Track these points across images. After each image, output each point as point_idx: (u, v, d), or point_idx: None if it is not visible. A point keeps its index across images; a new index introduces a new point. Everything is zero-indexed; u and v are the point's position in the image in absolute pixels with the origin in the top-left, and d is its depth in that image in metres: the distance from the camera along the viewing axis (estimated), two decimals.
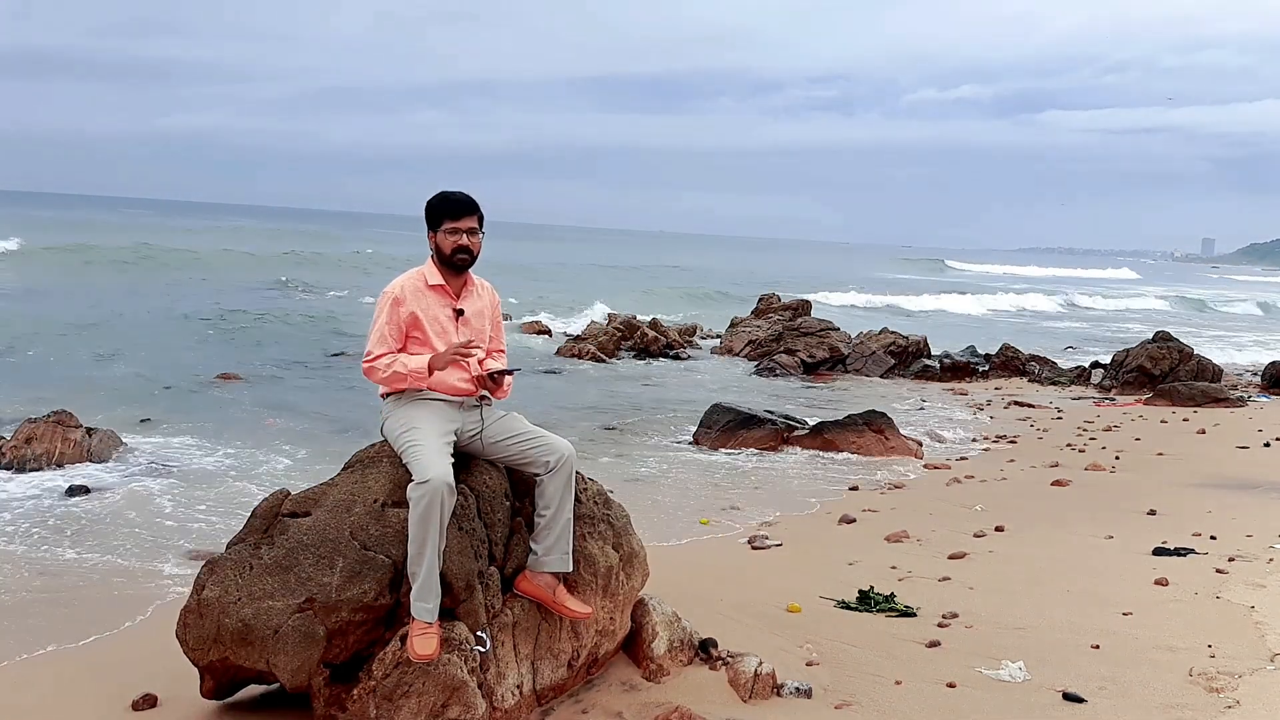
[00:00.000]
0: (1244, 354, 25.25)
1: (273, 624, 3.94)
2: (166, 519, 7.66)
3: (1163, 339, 18.17)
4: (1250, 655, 4.99)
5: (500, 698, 4.08)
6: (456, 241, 4.23)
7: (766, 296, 27.70)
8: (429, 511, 3.82)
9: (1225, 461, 10.68)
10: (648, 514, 8.02)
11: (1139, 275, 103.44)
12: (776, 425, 11.64)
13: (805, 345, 19.59)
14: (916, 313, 36.49)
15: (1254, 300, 54.97)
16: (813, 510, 8.67)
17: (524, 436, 4.25)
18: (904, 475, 10.18)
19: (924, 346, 20.71)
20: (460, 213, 4.24)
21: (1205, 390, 15.51)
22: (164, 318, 21.58)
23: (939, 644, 5.22)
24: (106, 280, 28.37)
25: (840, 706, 4.45)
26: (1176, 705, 4.44)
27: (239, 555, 4.15)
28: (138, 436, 10.24)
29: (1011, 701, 4.53)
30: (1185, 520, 7.91)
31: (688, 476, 9.96)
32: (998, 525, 7.82)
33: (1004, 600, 5.99)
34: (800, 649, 5.10)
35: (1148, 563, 6.75)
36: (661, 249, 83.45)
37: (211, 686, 4.23)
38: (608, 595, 4.48)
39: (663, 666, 4.61)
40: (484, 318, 4.41)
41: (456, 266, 4.28)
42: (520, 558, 4.30)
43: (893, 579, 6.39)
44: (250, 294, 27.86)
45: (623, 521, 4.73)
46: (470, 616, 4.02)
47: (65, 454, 8.99)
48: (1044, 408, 15.12)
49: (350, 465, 4.44)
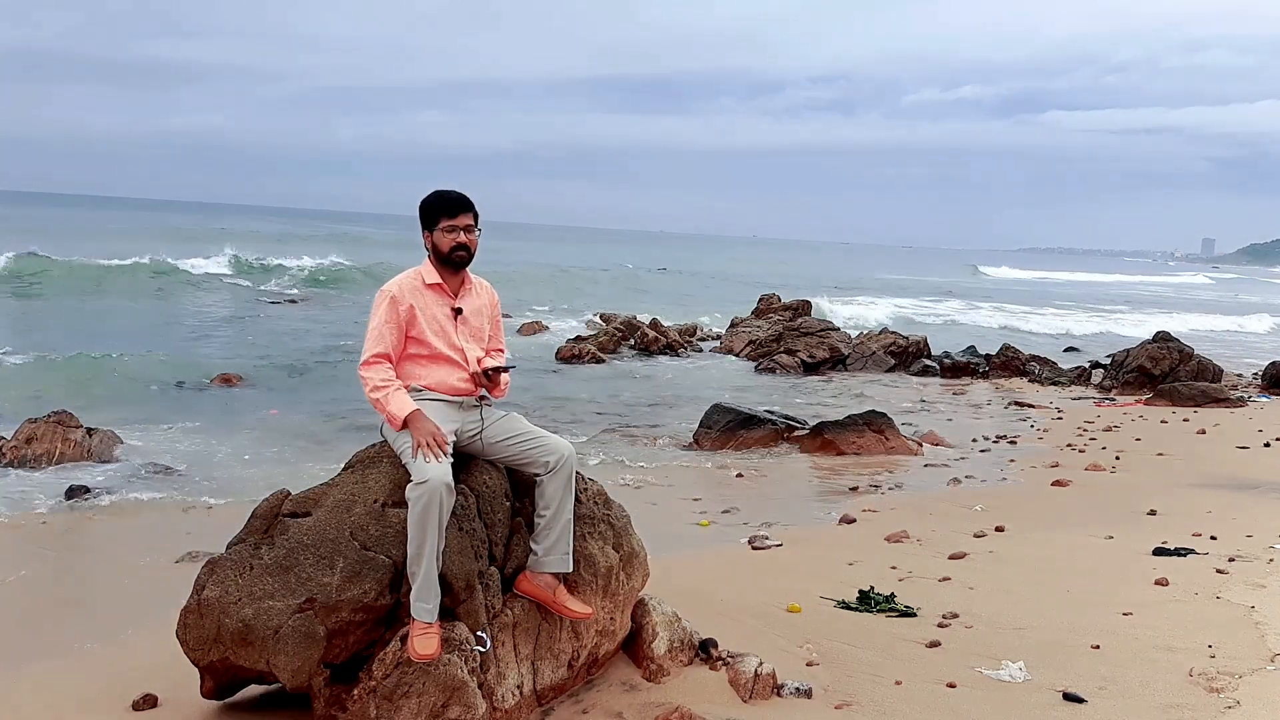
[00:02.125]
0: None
1: (273, 624, 3.94)
2: (166, 519, 7.66)
3: (1163, 339, 18.17)
4: (1250, 655, 4.99)
5: (500, 698, 4.08)
6: (454, 239, 4.21)
7: (766, 296, 27.71)
8: (428, 511, 3.82)
9: (1225, 461, 10.68)
10: (648, 514, 8.02)
11: (1211, 279, 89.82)
12: (776, 426, 11.65)
13: (805, 345, 19.60)
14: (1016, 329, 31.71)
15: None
16: (812, 510, 8.67)
17: (524, 437, 4.24)
18: (904, 475, 10.17)
19: (924, 346, 20.71)
20: (456, 210, 4.23)
21: (1205, 390, 15.50)
22: (164, 318, 21.58)
23: (939, 644, 5.22)
24: (107, 280, 28.35)
25: (840, 706, 4.45)
26: (1176, 705, 4.44)
27: (239, 555, 4.15)
28: (138, 436, 10.25)
29: (1011, 701, 4.53)
30: (1185, 520, 7.91)
31: (688, 477, 9.96)
32: (998, 525, 7.82)
33: (1004, 600, 5.99)
34: (800, 649, 5.10)
35: (1148, 563, 6.75)
36: (661, 249, 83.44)
37: (211, 686, 4.23)
38: (608, 595, 4.48)
39: (663, 667, 4.61)
40: (482, 316, 4.40)
41: (455, 264, 4.26)
42: (520, 558, 4.30)
43: (893, 579, 6.39)
44: (251, 294, 27.87)
45: (623, 521, 4.73)
46: (470, 617, 4.02)
47: (66, 454, 9.00)
48: (1044, 408, 15.12)
49: (350, 465, 4.43)
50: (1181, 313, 41.64)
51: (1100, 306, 44.05)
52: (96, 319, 20.57)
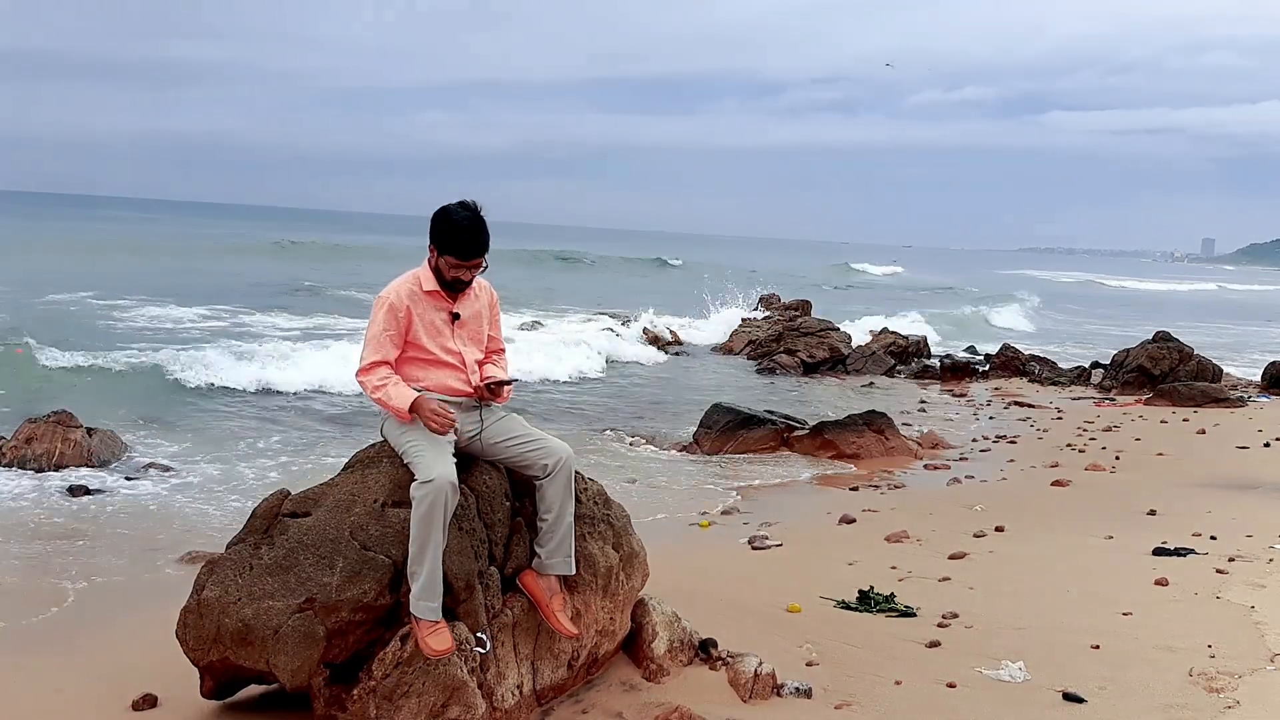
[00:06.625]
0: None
1: (273, 624, 3.94)
2: (166, 519, 7.66)
3: (1163, 339, 18.16)
4: (1250, 655, 4.99)
5: (500, 698, 4.08)
6: (457, 275, 4.18)
7: (767, 296, 27.71)
8: (432, 511, 3.82)
9: (1225, 462, 10.67)
10: (648, 514, 8.03)
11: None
12: (776, 425, 11.64)
13: (805, 345, 19.59)
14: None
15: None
16: (812, 510, 8.66)
17: (523, 438, 4.24)
18: (904, 475, 10.17)
19: (924, 346, 20.71)
20: (469, 255, 4.14)
21: (1205, 390, 15.49)
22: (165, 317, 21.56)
23: (939, 644, 5.22)
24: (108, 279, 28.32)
25: (840, 706, 4.45)
26: (1176, 705, 4.44)
27: (239, 555, 4.15)
28: (138, 437, 10.24)
29: (1011, 701, 4.53)
30: (1185, 520, 7.90)
31: (688, 477, 9.96)
32: (998, 525, 7.82)
33: (1004, 600, 5.99)
34: (800, 649, 5.10)
35: (1148, 563, 6.75)
36: (664, 249, 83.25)
37: (211, 686, 4.23)
38: (608, 595, 4.48)
39: (663, 666, 4.61)
40: (481, 319, 4.38)
41: (452, 289, 4.23)
42: (520, 558, 4.30)
43: (893, 579, 6.39)
44: (252, 294, 27.84)
45: (622, 521, 4.72)
46: (470, 617, 4.02)
47: (66, 454, 8.98)
48: (1044, 408, 15.11)
49: (350, 465, 4.44)
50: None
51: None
52: (96, 318, 20.54)
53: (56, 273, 28.57)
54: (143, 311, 21.53)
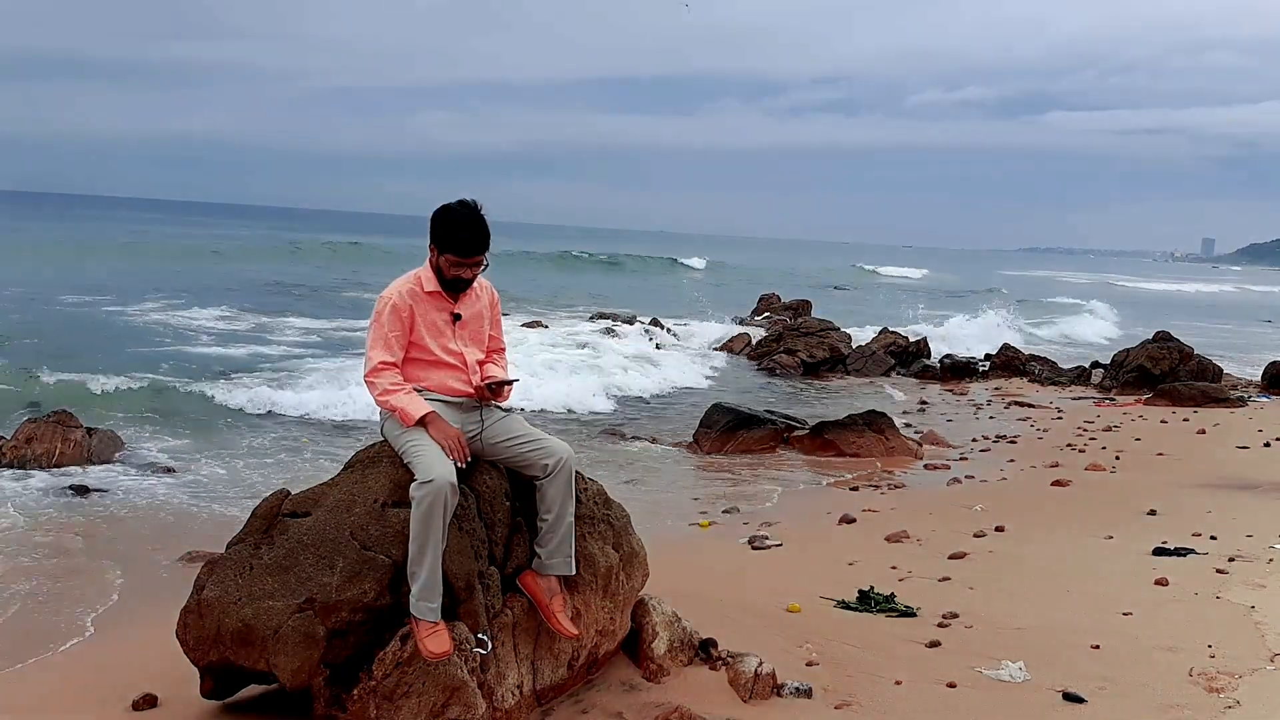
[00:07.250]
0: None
1: (273, 624, 3.94)
2: (166, 519, 7.66)
3: (1163, 339, 18.17)
4: (1250, 655, 4.99)
5: (500, 698, 4.08)
6: (458, 273, 4.19)
7: (766, 296, 27.71)
8: (432, 511, 3.82)
9: (1225, 461, 10.67)
10: (647, 514, 8.02)
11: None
12: (776, 425, 11.64)
13: (805, 345, 19.59)
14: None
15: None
16: (812, 510, 8.66)
17: (523, 438, 4.24)
18: (904, 475, 10.17)
19: (924, 347, 20.70)
20: (469, 253, 4.14)
21: (1205, 390, 15.49)
22: (165, 318, 21.57)
23: (939, 644, 5.22)
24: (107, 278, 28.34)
25: (840, 706, 4.45)
26: (1176, 705, 4.44)
27: (239, 555, 4.15)
28: (138, 436, 10.24)
29: (1011, 701, 4.53)
30: (1185, 520, 7.90)
31: (688, 477, 9.96)
32: (998, 525, 7.81)
33: (1004, 600, 5.99)
34: (800, 649, 5.10)
35: (1148, 563, 6.75)
36: (664, 249, 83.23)
37: (211, 686, 4.23)
38: (608, 595, 4.48)
39: (663, 666, 4.61)
40: (482, 319, 4.38)
41: (452, 288, 4.24)
42: (520, 558, 4.30)
43: (893, 579, 6.39)
44: (251, 294, 27.85)
45: (623, 521, 4.73)
46: (470, 617, 4.02)
47: (65, 454, 8.98)
48: (1044, 408, 15.11)
49: (350, 465, 4.44)
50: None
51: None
52: (96, 317, 20.55)
53: (72, 275, 28.67)
54: (162, 317, 21.42)
